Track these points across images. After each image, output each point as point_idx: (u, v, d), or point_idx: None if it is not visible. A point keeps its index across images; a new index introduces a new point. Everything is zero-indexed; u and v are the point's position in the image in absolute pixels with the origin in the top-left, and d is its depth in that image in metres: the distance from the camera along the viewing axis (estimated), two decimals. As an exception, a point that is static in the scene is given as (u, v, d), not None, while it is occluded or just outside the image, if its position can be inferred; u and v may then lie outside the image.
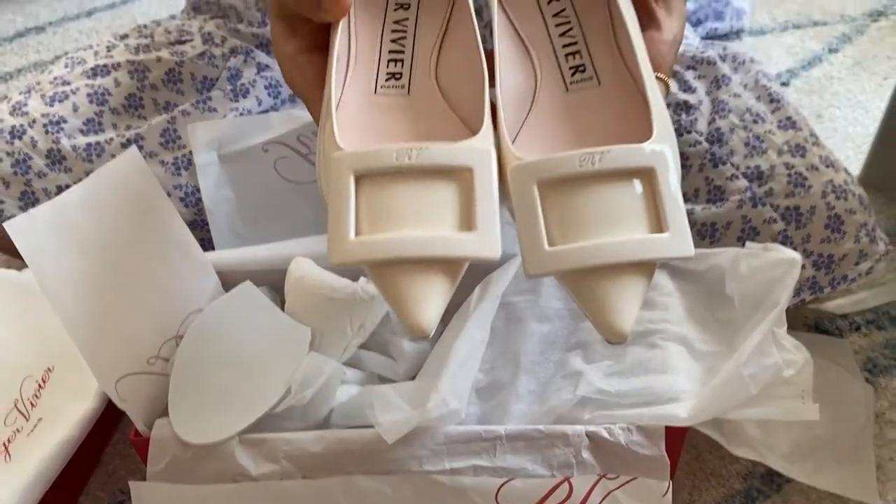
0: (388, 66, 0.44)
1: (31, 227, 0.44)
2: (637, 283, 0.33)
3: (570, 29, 0.45)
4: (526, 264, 0.34)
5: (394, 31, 0.46)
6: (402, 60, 0.45)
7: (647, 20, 0.44)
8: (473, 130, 0.39)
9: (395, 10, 0.47)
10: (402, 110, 0.43)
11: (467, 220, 0.34)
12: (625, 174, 0.34)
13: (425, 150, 0.35)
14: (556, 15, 0.46)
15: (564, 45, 0.45)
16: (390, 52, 0.45)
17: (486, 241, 0.34)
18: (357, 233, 0.34)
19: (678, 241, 0.33)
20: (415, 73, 0.44)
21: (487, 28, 0.66)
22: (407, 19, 0.46)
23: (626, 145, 0.35)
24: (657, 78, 0.41)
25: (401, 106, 0.43)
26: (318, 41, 0.42)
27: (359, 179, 0.35)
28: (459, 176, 0.35)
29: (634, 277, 0.33)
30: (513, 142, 0.40)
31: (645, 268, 0.34)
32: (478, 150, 0.35)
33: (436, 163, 0.35)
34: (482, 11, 0.50)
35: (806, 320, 0.67)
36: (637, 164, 0.34)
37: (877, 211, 0.77)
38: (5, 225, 0.43)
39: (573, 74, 0.44)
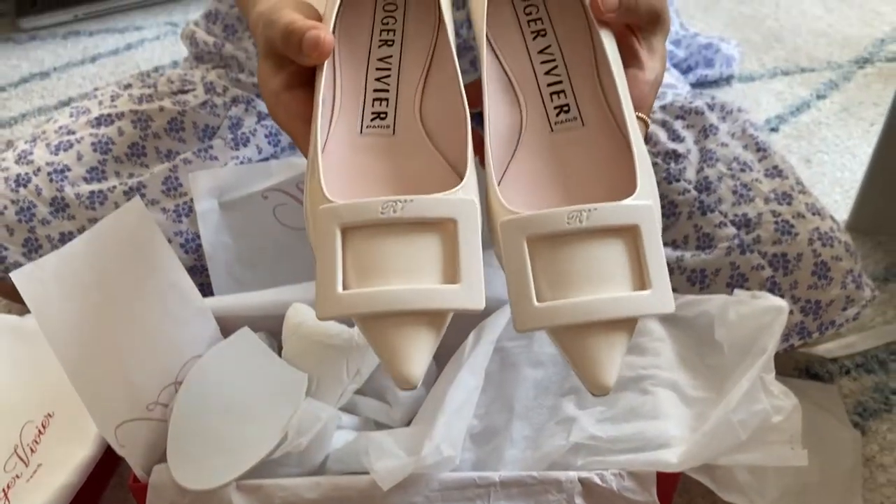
0: (373, 105, 0.45)
1: (37, 276, 0.46)
2: (620, 339, 0.35)
3: (556, 67, 0.46)
4: (515, 320, 0.35)
5: (378, 68, 0.46)
6: (386, 99, 0.45)
7: (630, 59, 0.46)
8: (459, 173, 0.39)
9: (380, 46, 0.47)
10: (388, 151, 0.43)
11: (452, 272, 0.35)
12: (611, 231, 0.35)
13: (409, 204, 0.35)
14: (541, 52, 0.47)
15: (549, 84, 0.46)
16: (375, 90, 0.45)
17: (471, 292, 0.35)
18: (345, 286, 0.35)
19: (660, 298, 0.35)
20: (399, 113, 0.45)
21: (473, 64, 0.68)
22: (391, 56, 0.47)
23: (612, 203, 0.36)
24: (637, 117, 0.42)
25: (386, 147, 0.44)
26: (303, 78, 0.43)
27: (345, 232, 0.36)
28: (444, 227, 0.36)
29: (618, 333, 0.34)
30: (499, 181, 0.41)
31: (628, 324, 0.35)
32: (461, 202, 0.36)
33: (420, 215, 0.36)
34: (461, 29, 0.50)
35: (796, 364, 0.68)
36: (622, 222, 0.36)
37: (865, 255, 0.79)
38: (12, 275, 0.44)
39: (558, 115, 0.45)
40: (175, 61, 1.14)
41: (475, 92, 0.43)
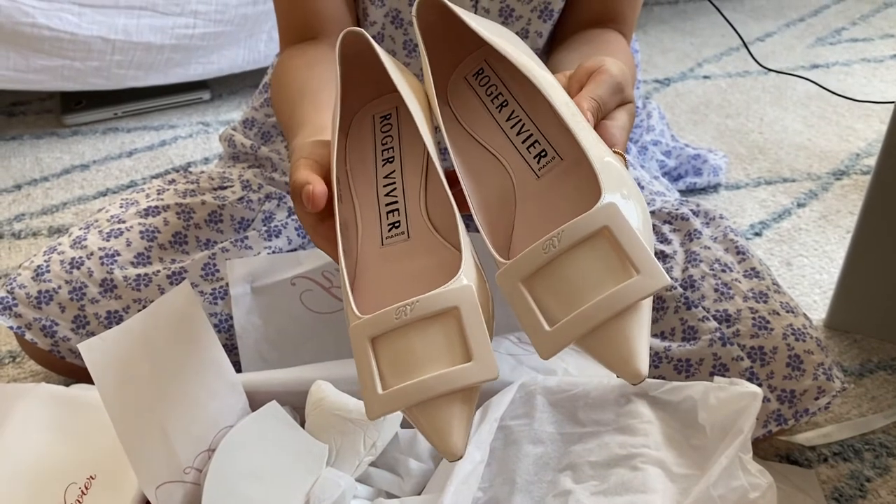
0: (387, 217, 0.52)
1: (100, 347, 0.52)
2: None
3: (523, 124, 0.53)
4: (538, 351, 0.40)
5: (385, 185, 0.53)
6: (398, 209, 0.52)
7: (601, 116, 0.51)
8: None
9: (384, 164, 0.55)
10: (407, 254, 0.50)
11: (465, 352, 0.41)
12: (585, 241, 0.40)
13: (416, 304, 0.42)
14: (508, 119, 0.53)
15: (523, 140, 0.52)
16: (387, 204, 0.52)
17: (484, 366, 0.40)
18: (384, 387, 0.41)
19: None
20: (410, 218, 0.51)
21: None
22: (394, 171, 0.54)
23: (574, 219, 0.41)
24: (615, 153, 0.48)
25: (405, 251, 0.50)
26: (331, 209, 0.50)
27: (374, 341, 0.42)
28: (450, 314, 0.42)
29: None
30: (511, 237, 0.46)
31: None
32: (458, 289, 0.42)
33: (427, 311, 0.42)
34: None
35: (777, 451, 0.73)
36: (591, 230, 0.40)
37: (842, 351, 0.85)
38: (79, 346, 0.51)
39: (538, 161, 0.50)
40: (206, 158, 1.23)
41: (453, 177, 0.49)
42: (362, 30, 0.52)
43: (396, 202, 0.53)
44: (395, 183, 0.54)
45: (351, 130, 0.58)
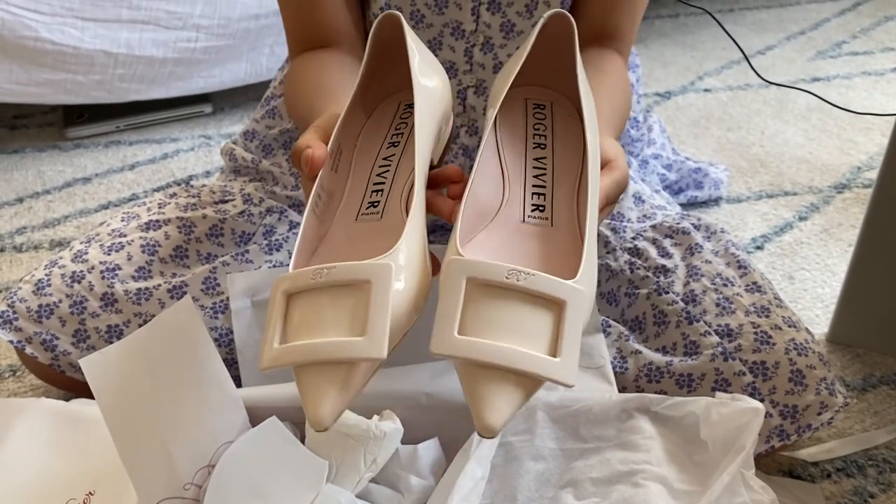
0: (370, 196, 0.52)
1: (101, 362, 0.52)
2: (518, 393, 0.39)
3: (544, 174, 0.53)
4: (433, 342, 0.40)
5: (381, 165, 0.54)
6: (381, 190, 0.52)
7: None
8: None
9: (388, 147, 0.55)
10: (373, 233, 0.50)
11: (361, 326, 0.41)
12: (541, 298, 0.40)
13: (333, 270, 0.42)
14: (536, 160, 0.54)
15: (534, 186, 0.52)
16: (374, 183, 0.53)
17: (372, 343, 0.40)
18: (281, 342, 0.42)
19: (565, 367, 0.39)
20: (389, 201, 0.52)
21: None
22: (394, 155, 0.54)
23: (551, 276, 0.41)
24: (601, 209, 0.49)
25: (372, 230, 0.50)
26: None
27: (290, 297, 0.43)
28: (362, 287, 0.42)
29: (518, 387, 0.39)
30: (464, 244, 0.46)
31: (529, 381, 0.39)
32: (377, 265, 0.42)
33: (341, 279, 0.42)
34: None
35: (780, 466, 0.72)
36: (555, 294, 0.40)
37: (844, 366, 0.85)
38: (81, 361, 0.51)
39: (532, 211, 0.51)
40: (208, 171, 1.23)
41: (445, 176, 0.50)
42: (400, 15, 0.52)
43: (383, 184, 0.53)
44: (389, 166, 0.54)
45: (375, 112, 0.58)
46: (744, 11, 1.87)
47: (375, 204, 0.51)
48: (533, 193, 0.52)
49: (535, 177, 0.53)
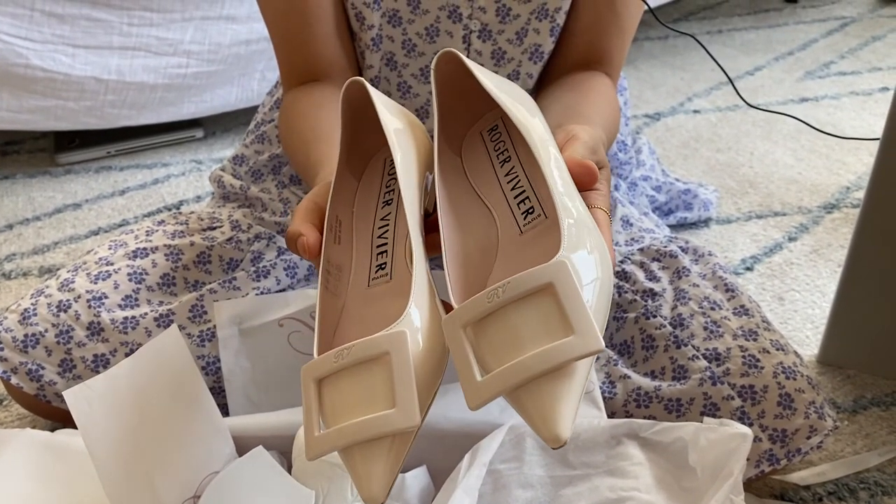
0: (377, 259, 0.53)
1: (85, 395, 0.51)
2: (564, 389, 0.38)
3: (518, 180, 0.54)
4: (467, 401, 0.40)
5: (380, 227, 0.55)
6: (386, 251, 0.53)
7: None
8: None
9: (382, 206, 0.56)
10: (387, 295, 0.51)
11: (391, 398, 0.41)
12: (529, 295, 0.40)
13: (352, 349, 0.43)
14: (507, 174, 0.55)
15: (516, 196, 0.53)
16: (378, 246, 0.53)
17: (405, 414, 0.40)
18: (321, 428, 0.42)
19: (585, 339, 0.38)
20: (395, 260, 0.52)
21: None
22: (390, 213, 0.55)
23: (521, 273, 0.41)
24: (598, 209, 0.49)
25: (386, 292, 0.51)
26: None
27: (320, 383, 0.43)
28: (382, 360, 0.42)
29: (560, 383, 0.38)
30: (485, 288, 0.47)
31: (567, 372, 0.38)
32: (392, 335, 0.43)
33: (361, 356, 0.42)
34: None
35: (772, 490, 0.72)
36: (537, 284, 0.40)
37: (835, 388, 0.85)
38: (65, 393, 0.50)
39: (525, 217, 0.52)
40: (199, 196, 1.23)
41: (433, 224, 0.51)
42: (363, 80, 0.53)
43: (386, 244, 0.53)
44: (388, 225, 0.54)
45: (364, 175, 0.59)
46: (732, 32, 1.88)
47: (383, 266, 0.52)
48: (518, 203, 0.53)
49: (513, 188, 0.54)
